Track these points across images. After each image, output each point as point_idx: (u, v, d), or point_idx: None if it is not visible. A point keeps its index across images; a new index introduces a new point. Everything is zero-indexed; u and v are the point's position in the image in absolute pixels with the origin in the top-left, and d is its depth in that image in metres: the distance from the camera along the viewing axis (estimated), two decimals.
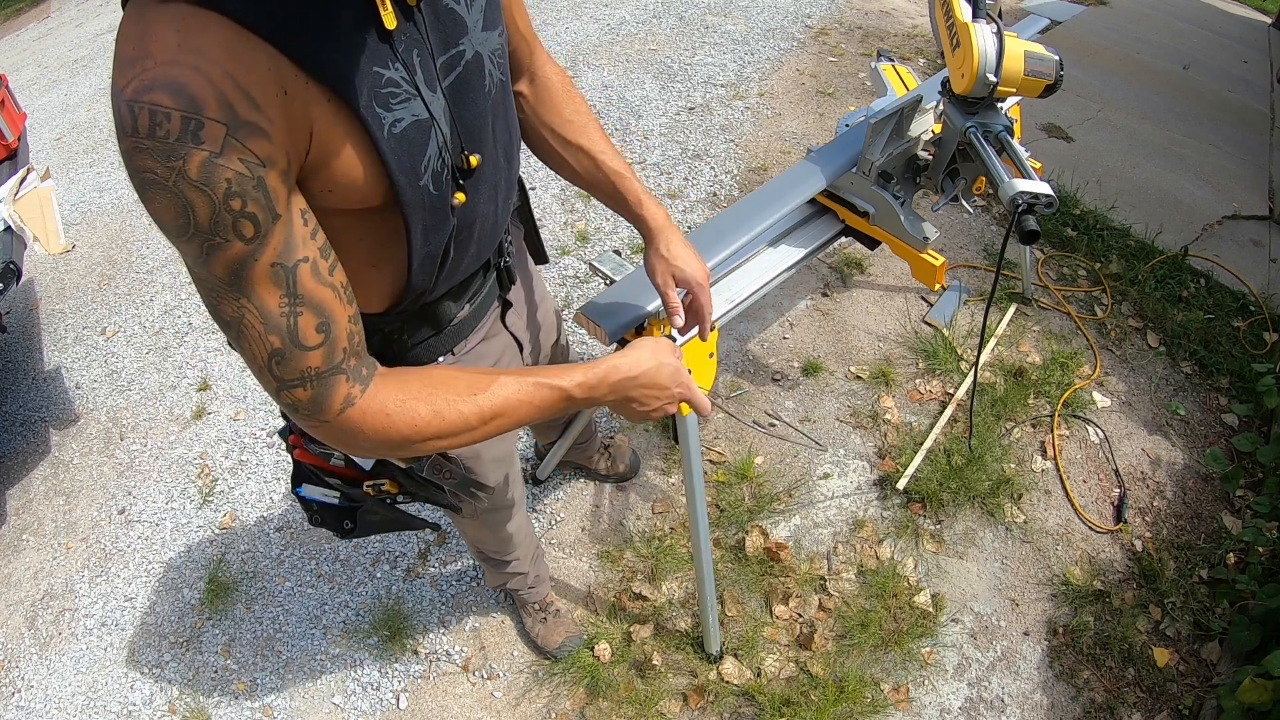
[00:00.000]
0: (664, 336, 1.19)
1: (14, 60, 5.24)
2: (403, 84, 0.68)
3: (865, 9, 4.16)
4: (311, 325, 0.65)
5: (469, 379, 0.77)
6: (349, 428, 0.71)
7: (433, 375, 0.76)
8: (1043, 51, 1.22)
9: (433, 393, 0.74)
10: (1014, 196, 1.11)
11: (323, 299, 0.65)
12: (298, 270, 0.63)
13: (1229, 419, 2.26)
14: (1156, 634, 1.80)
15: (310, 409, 0.68)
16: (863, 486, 2.05)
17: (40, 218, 2.27)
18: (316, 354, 0.66)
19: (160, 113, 0.53)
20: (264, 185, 0.58)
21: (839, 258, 2.65)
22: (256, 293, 0.61)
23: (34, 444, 2.43)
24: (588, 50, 3.81)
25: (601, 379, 0.83)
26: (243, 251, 0.59)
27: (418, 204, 0.73)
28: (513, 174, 0.93)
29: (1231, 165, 3.38)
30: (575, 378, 0.82)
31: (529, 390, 0.79)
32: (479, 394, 0.76)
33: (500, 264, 1.02)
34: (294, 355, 0.65)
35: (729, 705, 1.67)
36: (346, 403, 0.70)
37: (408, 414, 0.73)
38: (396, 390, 0.73)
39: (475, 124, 0.80)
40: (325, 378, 0.67)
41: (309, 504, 1.03)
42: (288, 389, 0.67)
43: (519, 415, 0.79)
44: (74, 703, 1.81)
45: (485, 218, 0.87)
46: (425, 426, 0.74)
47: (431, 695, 1.74)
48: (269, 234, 0.60)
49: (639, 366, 0.86)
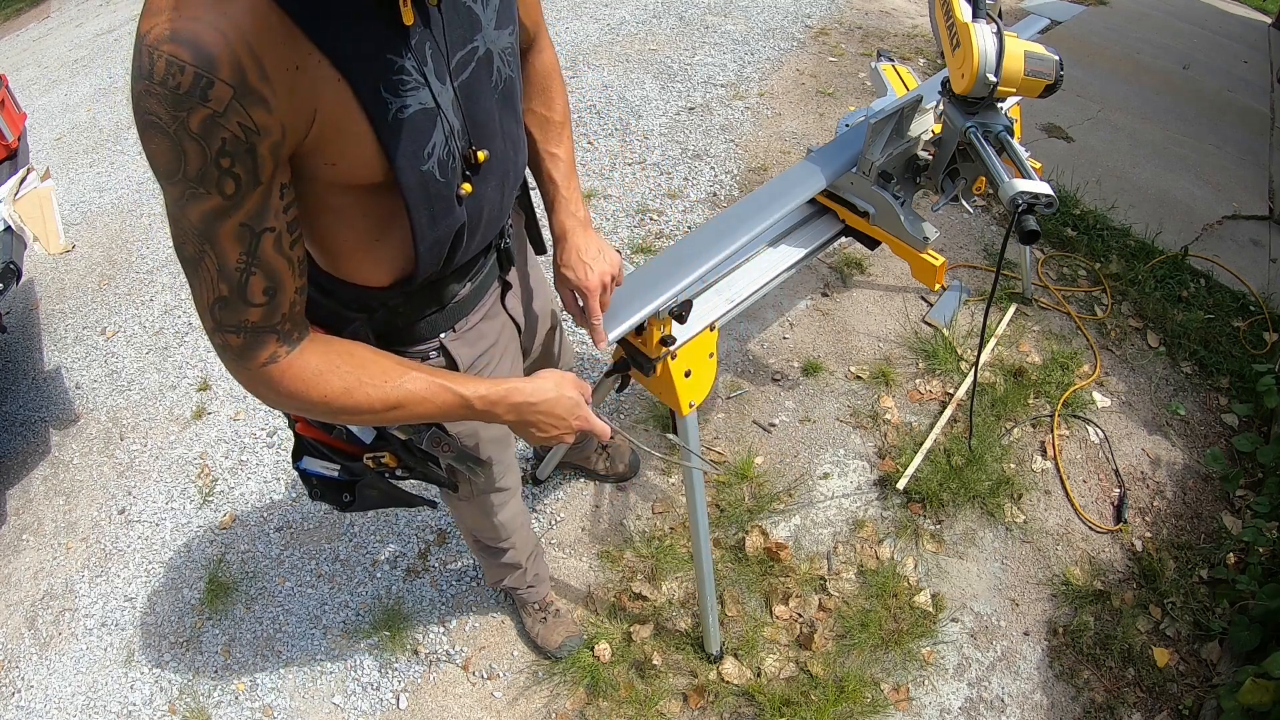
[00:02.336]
0: (665, 334, 1.20)
1: (14, 60, 5.24)
2: (413, 73, 0.71)
3: (865, 9, 4.16)
4: (260, 287, 0.70)
5: (385, 366, 0.82)
6: (266, 382, 0.76)
7: (356, 354, 0.81)
8: (1043, 51, 1.22)
9: (349, 371, 0.79)
10: (1014, 196, 1.11)
11: (278, 267, 0.70)
12: (263, 237, 0.67)
13: (1229, 419, 2.26)
14: (1156, 634, 1.80)
15: (237, 355, 0.73)
16: (863, 486, 2.05)
17: (40, 218, 2.27)
18: (257, 311, 0.71)
19: (176, 64, 0.57)
20: (254, 152, 0.62)
21: (839, 258, 2.65)
22: (220, 244, 0.66)
23: (34, 444, 2.43)
24: (588, 50, 3.81)
25: (502, 397, 0.89)
26: (219, 206, 0.64)
27: (419, 187, 0.77)
28: (520, 165, 0.97)
29: (1231, 165, 3.38)
30: (479, 390, 0.87)
31: (433, 390, 0.84)
32: (389, 382, 0.81)
33: (501, 245, 1.05)
34: (237, 306, 0.70)
35: (729, 705, 1.67)
36: (270, 359, 0.74)
37: (321, 385, 0.78)
38: (318, 360, 0.78)
39: (484, 118, 0.83)
40: (259, 332, 0.72)
41: (309, 478, 1.05)
42: (222, 332, 0.71)
43: (419, 411, 0.84)
44: (74, 703, 1.81)
45: (491, 206, 0.91)
46: (333, 400, 0.79)
47: (431, 695, 1.74)
48: (247, 196, 0.64)
49: (539, 395, 0.91)
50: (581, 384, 0.98)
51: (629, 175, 3.02)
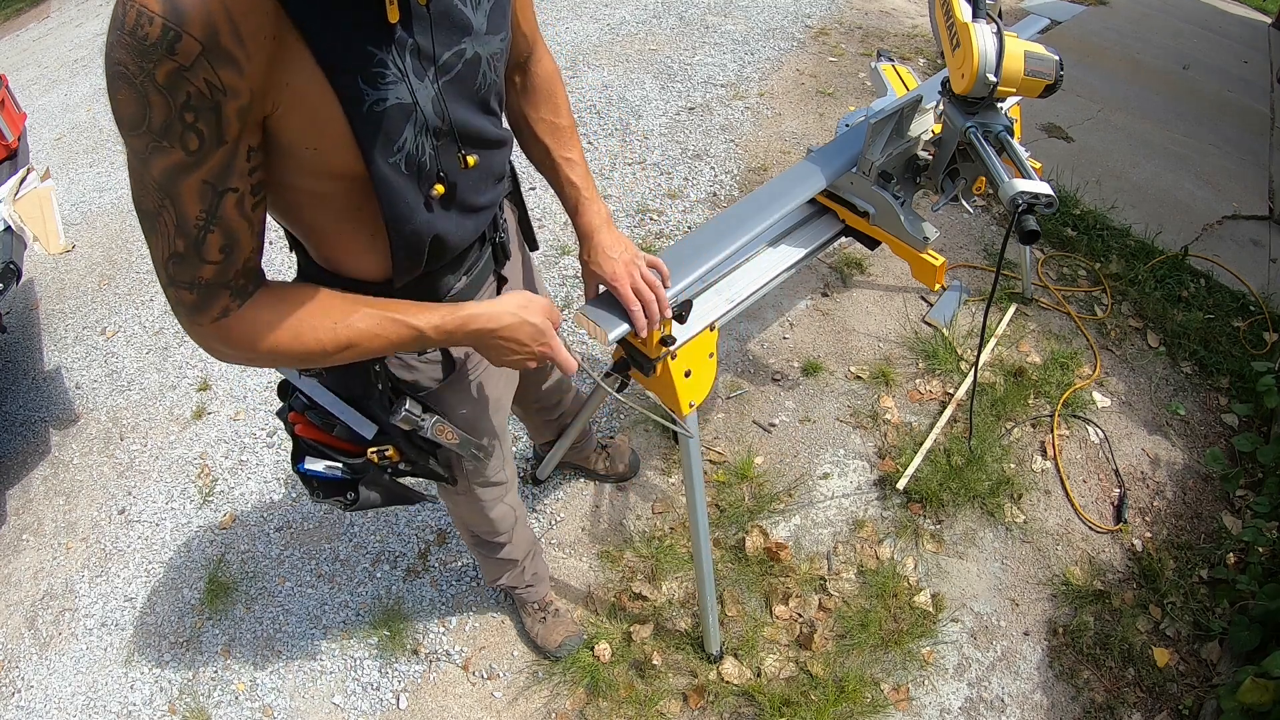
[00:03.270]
0: (664, 335, 1.20)
1: (14, 60, 5.24)
2: (392, 68, 0.71)
3: (865, 9, 4.16)
4: (217, 245, 0.70)
5: (332, 305, 0.81)
6: (217, 336, 0.76)
7: (301, 296, 0.80)
8: (1043, 51, 1.22)
9: (299, 319, 0.79)
10: (1014, 196, 1.11)
11: (237, 228, 0.70)
12: (225, 196, 0.67)
13: (1229, 419, 2.26)
14: (1156, 634, 1.80)
15: (190, 310, 0.73)
16: (863, 486, 2.05)
17: (40, 218, 2.27)
18: (212, 268, 0.71)
19: (146, 15, 0.57)
20: (220, 110, 0.62)
21: (839, 258, 2.65)
22: (181, 200, 0.66)
23: (34, 444, 2.43)
24: (588, 50, 3.81)
25: (459, 325, 0.88)
26: (181, 161, 0.64)
27: (388, 179, 0.77)
28: (501, 163, 0.97)
29: (1231, 165, 3.38)
30: (433, 319, 0.86)
31: (384, 324, 0.83)
32: (337, 323, 0.81)
33: (495, 239, 1.06)
34: (193, 262, 0.70)
35: (729, 705, 1.67)
36: (223, 314, 0.74)
37: (270, 335, 0.78)
38: (266, 312, 0.77)
39: (467, 120, 0.84)
40: (212, 288, 0.72)
41: (310, 480, 1.05)
42: (175, 287, 0.72)
43: (372, 347, 0.84)
44: (74, 703, 1.81)
45: (473, 202, 0.92)
46: (282, 348, 0.79)
47: (431, 695, 1.74)
48: (210, 154, 0.64)
49: (498, 320, 0.90)
50: (551, 309, 0.96)
51: (629, 175, 3.02)
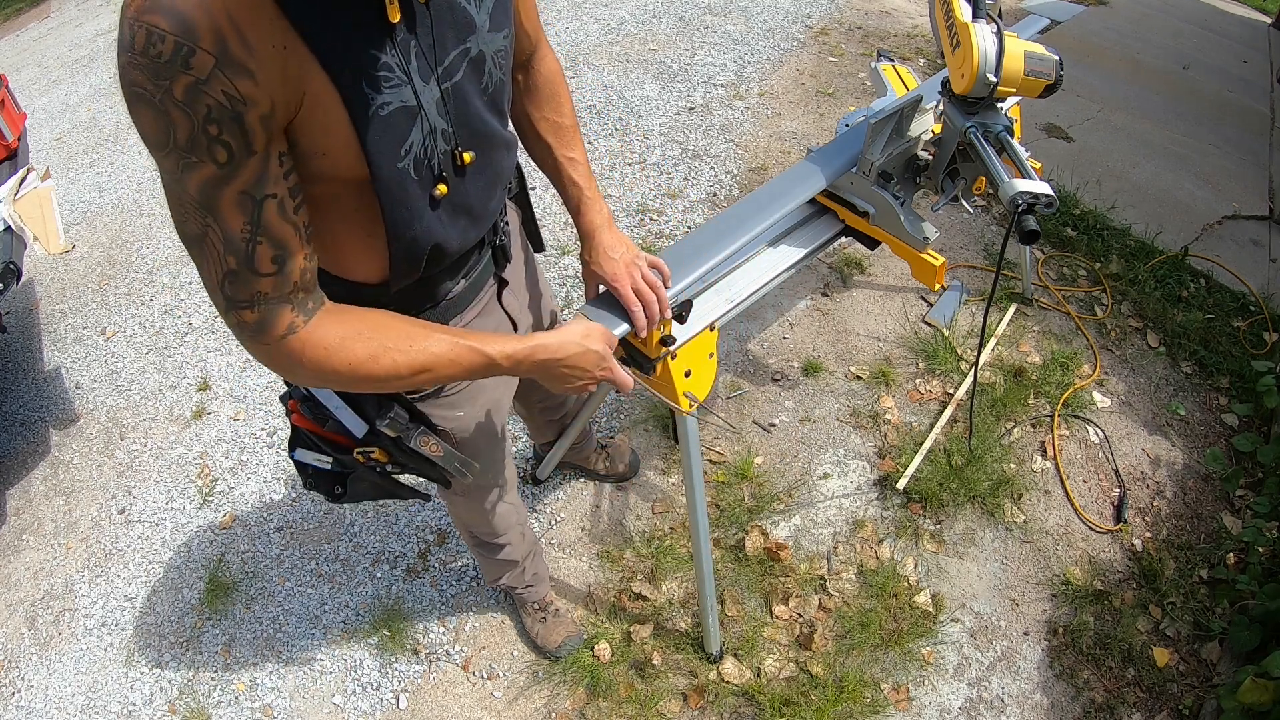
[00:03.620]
0: (664, 334, 1.19)
1: (14, 60, 5.24)
2: (396, 70, 0.71)
3: (865, 9, 4.16)
4: (268, 255, 0.69)
5: (406, 329, 0.81)
6: (289, 354, 0.74)
7: (374, 319, 0.80)
8: (1043, 51, 1.22)
9: (371, 337, 0.78)
10: (1014, 196, 1.11)
11: (283, 234, 0.69)
12: (265, 204, 0.67)
13: (1229, 419, 2.26)
14: (1156, 634, 1.80)
15: (254, 331, 0.72)
16: (863, 486, 2.05)
17: (40, 218, 2.27)
18: (268, 281, 0.70)
19: (156, 34, 0.57)
20: (242, 120, 0.62)
21: (839, 258, 2.65)
22: (222, 215, 0.66)
23: (34, 444, 2.43)
24: (588, 50, 3.81)
25: (528, 355, 0.89)
26: (214, 174, 0.64)
27: (394, 185, 0.77)
28: (508, 165, 0.97)
29: (1231, 165, 3.38)
30: (504, 348, 0.87)
31: (459, 351, 0.84)
32: (413, 346, 0.80)
33: (495, 242, 1.05)
34: (247, 278, 0.69)
35: (729, 705, 1.67)
36: (289, 330, 0.73)
37: (345, 352, 0.77)
38: (338, 327, 0.77)
39: (472, 120, 0.83)
40: (273, 304, 0.71)
41: (303, 468, 1.05)
42: (236, 309, 0.71)
43: (445, 373, 0.84)
44: (74, 703, 1.81)
45: (477, 205, 0.92)
46: (359, 367, 0.78)
47: (431, 695, 1.74)
48: (242, 164, 0.64)
49: (564, 350, 0.92)
50: (609, 335, 1.01)
51: (629, 175, 3.02)
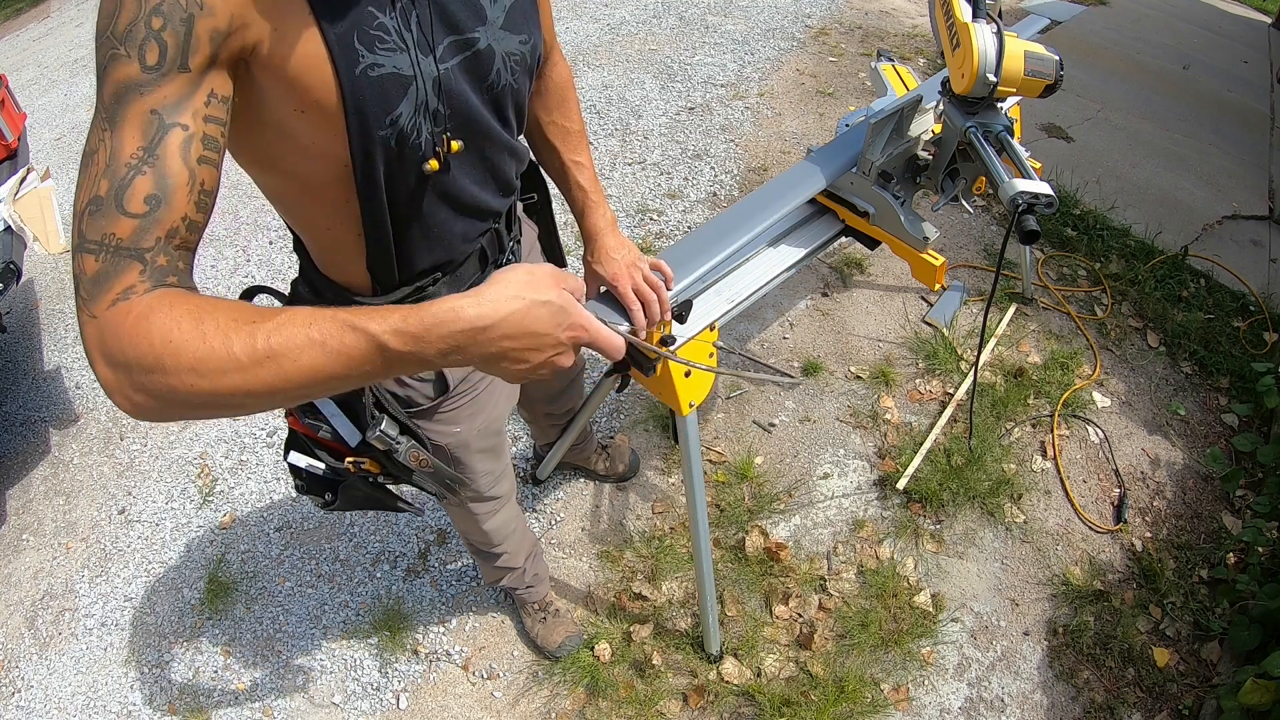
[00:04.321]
0: (665, 334, 1.19)
1: (14, 60, 5.24)
2: (394, 33, 0.68)
3: (865, 9, 4.16)
4: (144, 192, 0.58)
5: (257, 311, 0.60)
6: (111, 326, 0.57)
7: (223, 301, 0.61)
8: (1043, 51, 1.22)
9: (209, 315, 0.58)
10: (1014, 196, 1.11)
11: (172, 174, 0.59)
12: (170, 131, 0.59)
13: (1229, 419, 2.26)
14: (1156, 634, 1.80)
15: (89, 287, 0.58)
16: (863, 486, 2.05)
17: (40, 218, 2.27)
18: (129, 223, 0.58)
19: None
20: (191, 24, 0.57)
21: (839, 258, 2.65)
22: (123, 130, 0.58)
23: (34, 444, 2.43)
24: (588, 50, 3.81)
25: (430, 328, 0.60)
26: (135, 77, 0.57)
27: (370, 152, 0.72)
28: (504, 170, 0.94)
29: (1231, 165, 3.38)
30: (392, 321, 0.60)
31: (323, 329, 0.59)
32: (259, 323, 0.58)
33: (499, 261, 1.03)
34: (109, 211, 0.57)
35: (729, 705, 1.67)
36: (123, 294, 0.58)
37: (167, 327, 0.57)
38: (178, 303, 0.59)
39: (468, 111, 0.80)
40: (120, 254, 0.58)
41: (296, 472, 1.05)
42: (82, 251, 0.58)
43: (305, 362, 0.59)
44: (74, 703, 1.81)
45: (464, 197, 0.88)
46: (182, 346, 0.56)
47: (431, 695, 1.74)
48: (167, 76, 0.58)
49: (496, 313, 0.62)
50: (566, 277, 0.69)
51: (629, 175, 3.02)
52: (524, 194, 1.17)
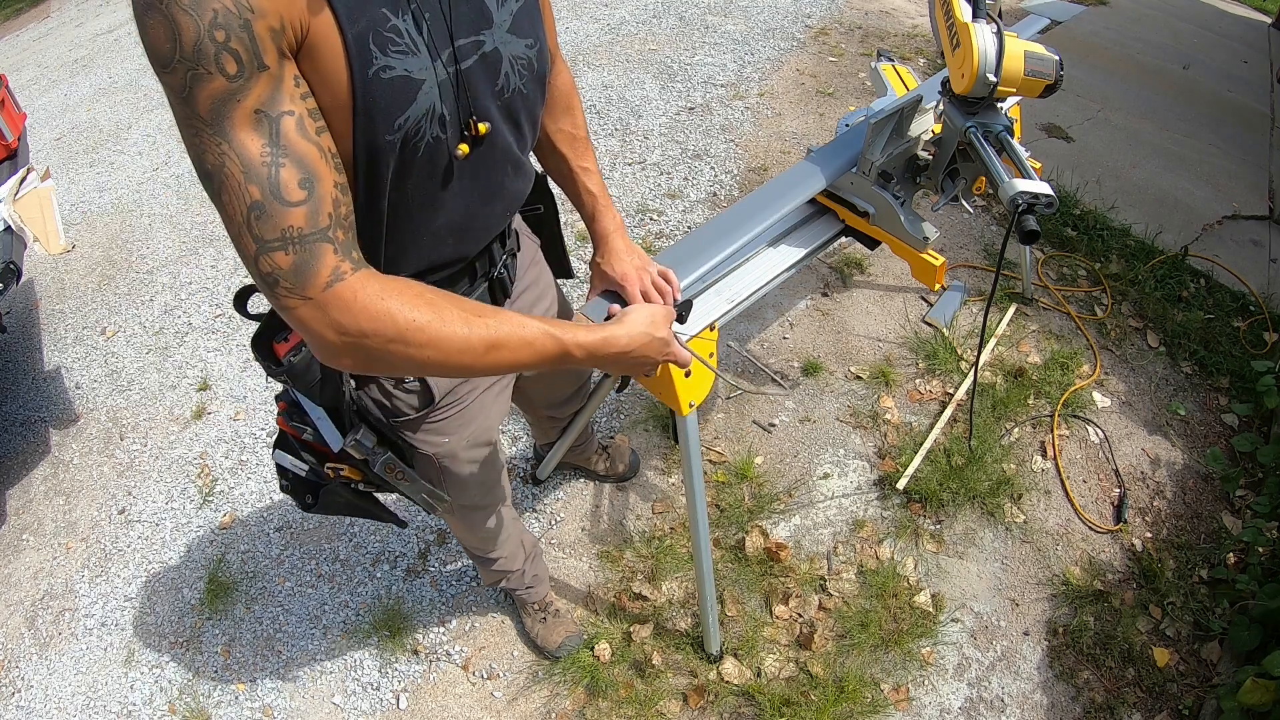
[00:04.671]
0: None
1: (14, 60, 5.24)
2: (406, 35, 0.68)
3: (865, 9, 4.16)
4: (295, 179, 0.62)
5: (471, 304, 0.74)
6: (338, 306, 0.65)
7: (427, 288, 0.72)
8: (1043, 51, 1.22)
9: (437, 298, 0.70)
10: (1014, 196, 1.11)
11: (307, 154, 0.63)
12: (282, 120, 0.61)
13: (1229, 419, 2.26)
14: (1156, 634, 1.80)
15: (292, 278, 0.63)
16: (863, 486, 2.05)
17: (40, 218, 2.27)
18: (299, 211, 0.62)
19: None
20: (250, 29, 0.58)
21: (839, 258, 2.65)
22: (238, 136, 0.60)
23: (34, 444, 2.43)
24: (588, 50, 3.81)
25: (600, 347, 0.87)
26: (225, 88, 0.59)
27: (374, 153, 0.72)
28: (517, 187, 0.93)
29: (1231, 165, 3.38)
30: (578, 338, 0.83)
31: (533, 333, 0.77)
32: (485, 316, 0.73)
33: (492, 275, 1.01)
34: (274, 209, 0.62)
35: (729, 705, 1.67)
36: (335, 276, 0.64)
37: (408, 310, 0.68)
38: (394, 285, 0.68)
39: (481, 115, 0.80)
40: (309, 242, 0.63)
41: (281, 470, 1.05)
42: (267, 252, 0.62)
43: (518, 356, 0.76)
44: (74, 703, 1.81)
45: (471, 213, 0.87)
46: (425, 328, 0.68)
47: (431, 695, 1.74)
48: (253, 78, 0.60)
49: (634, 342, 0.92)
50: (671, 314, 1.01)
51: (629, 175, 3.02)
52: (529, 205, 1.16)
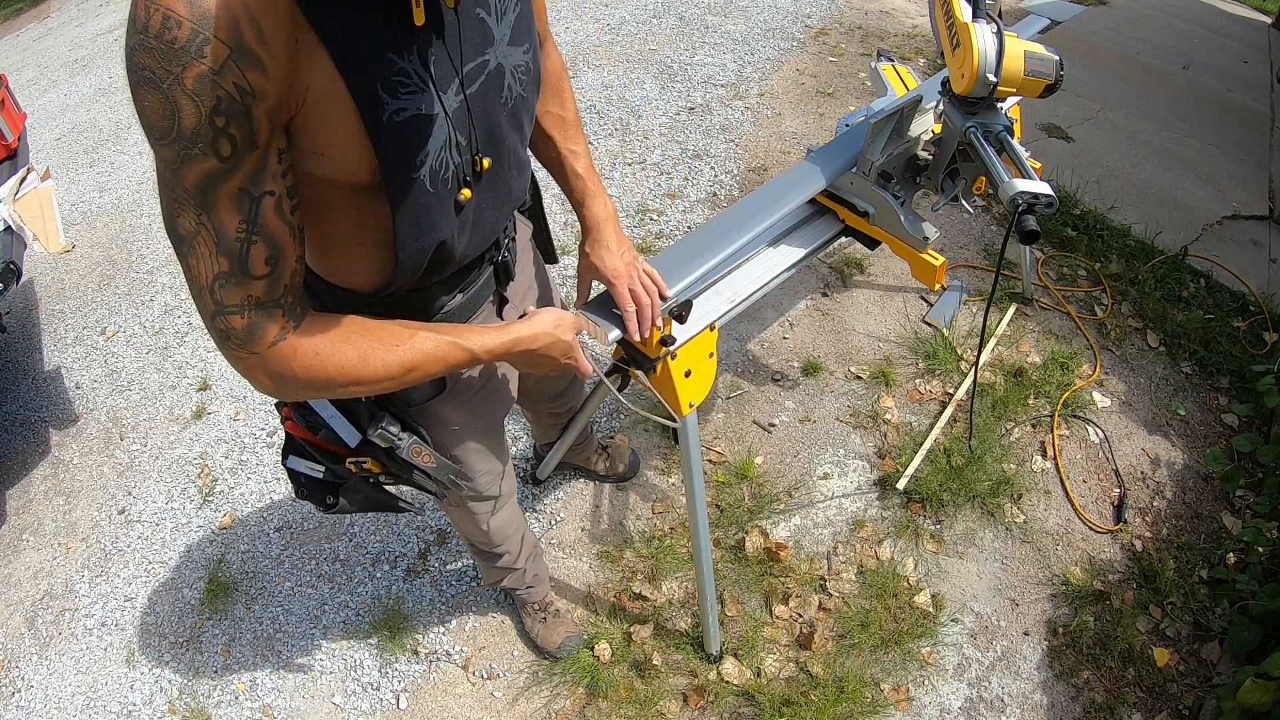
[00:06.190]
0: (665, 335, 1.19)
1: (14, 60, 5.24)
2: (414, 76, 0.69)
3: (865, 9, 4.16)
4: (263, 255, 0.67)
5: (391, 330, 0.82)
6: (279, 362, 0.73)
7: (357, 323, 0.80)
8: (1043, 51, 1.22)
9: (360, 339, 0.79)
10: (1014, 196, 1.11)
11: (279, 234, 0.68)
12: (262, 201, 0.65)
13: (1229, 419, 2.26)
14: (1156, 634, 1.80)
15: (243, 339, 0.70)
16: (863, 486, 2.05)
17: (40, 218, 2.27)
18: (261, 284, 0.68)
19: (173, 19, 0.56)
20: (250, 114, 0.61)
21: (839, 258, 2.65)
22: (218, 212, 0.64)
23: (34, 444, 2.43)
24: (588, 50, 3.81)
25: (507, 349, 0.92)
26: (215, 169, 0.62)
27: (407, 194, 0.75)
28: (521, 185, 0.96)
29: (1231, 165, 3.38)
30: (486, 343, 0.90)
31: (443, 346, 0.85)
32: (400, 345, 0.81)
33: (497, 259, 1.04)
34: (240, 280, 0.67)
35: (729, 705, 1.67)
36: (279, 336, 0.72)
37: (336, 356, 0.76)
38: (326, 332, 0.76)
39: (493, 133, 0.83)
40: (264, 308, 0.70)
41: (295, 476, 1.05)
42: (224, 315, 0.68)
43: (432, 370, 0.85)
44: (74, 703, 1.81)
45: (487, 220, 0.91)
46: (351, 370, 0.78)
47: (431, 695, 1.74)
48: (243, 159, 0.62)
49: (538, 341, 0.95)
50: (579, 322, 1.02)
51: (629, 175, 3.02)
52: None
